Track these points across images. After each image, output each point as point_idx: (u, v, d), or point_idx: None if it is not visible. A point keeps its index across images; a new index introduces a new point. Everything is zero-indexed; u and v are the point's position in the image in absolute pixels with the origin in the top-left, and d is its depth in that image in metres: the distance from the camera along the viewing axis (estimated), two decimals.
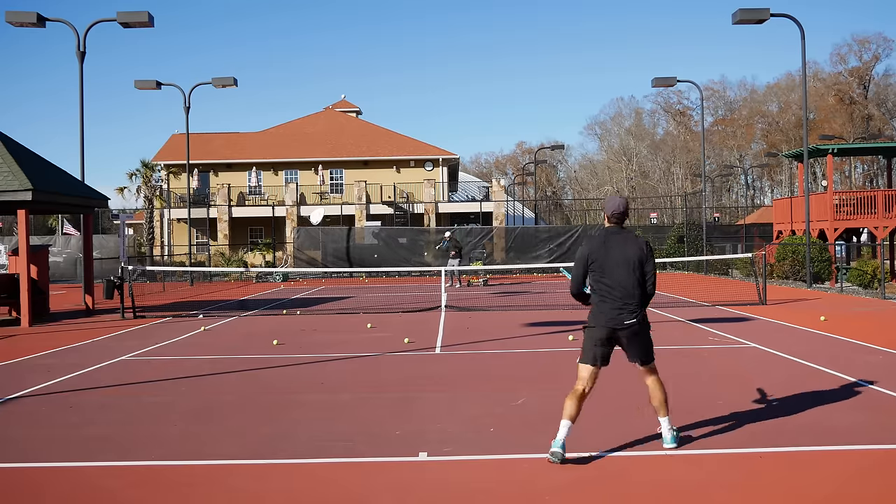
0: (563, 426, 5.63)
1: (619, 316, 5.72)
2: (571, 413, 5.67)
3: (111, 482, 5.53)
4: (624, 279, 5.71)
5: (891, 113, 79.83)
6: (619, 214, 5.86)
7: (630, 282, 5.71)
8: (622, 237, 5.82)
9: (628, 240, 5.81)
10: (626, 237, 5.82)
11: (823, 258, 24.96)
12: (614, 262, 5.73)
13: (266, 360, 10.83)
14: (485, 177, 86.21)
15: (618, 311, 5.72)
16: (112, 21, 21.86)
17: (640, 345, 5.85)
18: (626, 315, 5.72)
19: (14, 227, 44.34)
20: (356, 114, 56.88)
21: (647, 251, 5.80)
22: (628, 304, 5.72)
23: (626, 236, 5.83)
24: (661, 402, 5.92)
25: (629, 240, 5.81)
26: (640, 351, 5.86)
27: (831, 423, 6.71)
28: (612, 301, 5.73)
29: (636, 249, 5.77)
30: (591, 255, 5.80)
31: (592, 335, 5.81)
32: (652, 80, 31.61)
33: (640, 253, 5.77)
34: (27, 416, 7.67)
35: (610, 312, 5.73)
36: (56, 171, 18.28)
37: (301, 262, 35.67)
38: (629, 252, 5.74)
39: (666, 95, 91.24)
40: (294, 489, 5.29)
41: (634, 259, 5.73)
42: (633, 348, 5.85)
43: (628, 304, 5.72)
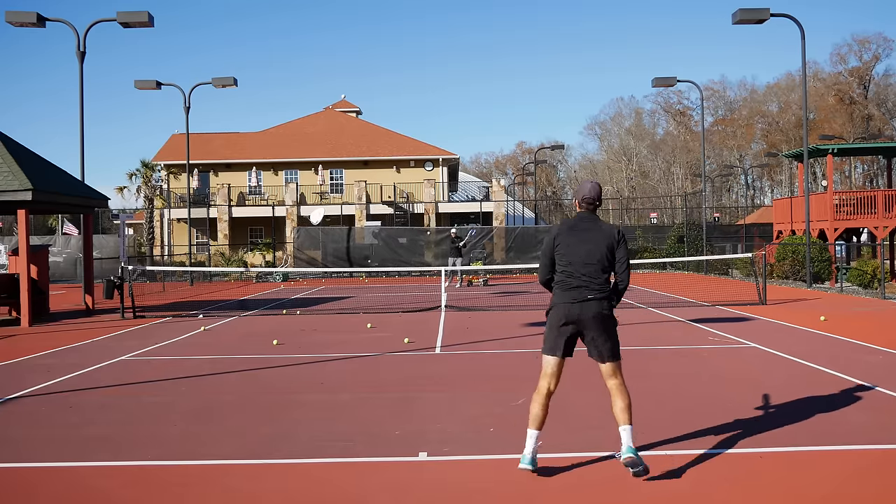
0: (531, 437, 5.31)
1: (580, 299, 5.28)
2: (539, 420, 5.33)
3: (105, 482, 5.52)
4: (589, 264, 5.29)
5: (891, 113, 79.84)
6: (590, 200, 5.48)
7: (595, 268, 5.29)
8: (592, 223, 5.42)
9: (598, 226, 5.40)
10: (595, 223, 5.42)
11: (823, 258, 24.96)
12: (580, 247, 5.32)
13: (266, 360, 10.83)
14: (485, 177, 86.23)
15: (579, 293, 5.29)
16: (112, 21, 21.86)
17: (603, 337, 5.33)
18: (589, 297, 5.28)
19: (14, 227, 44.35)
20: (356, 114, 56.89)
21: (618, 237, 5.38)
22: (592, 289, 5.28)
23: (596, 222, 5.43)
24: (623, 409, 5.31)
25: (599, 226, 5.40)
26: (602, 344, 5.33)
27: (831, 423, 6.71)
28: (575, 284, 5.31)
29: (605, 236, 5.36)
30: (557, 240, 5.42)
31: (553, 321, 5.39)
32: (652, 80, 31.62)
33: (610, 240, 5.34)
34: (27, 416, 7.67)
35: (571, 293, 5.30)
36: (56, 171, 18.28)
37: (301, 262, 35.67)
38: (597, 238, 5.34)
39: (666, 95, 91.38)
40: (293, 489, 5.29)
41: (603, 245, 5.32)
42: (595, 340, 5.33)
43: (592, 288, 5.28)
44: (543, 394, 5.38)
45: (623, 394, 5.36)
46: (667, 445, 6.08)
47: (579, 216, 5.51)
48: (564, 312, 5.33)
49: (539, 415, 5.34)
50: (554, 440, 6.33)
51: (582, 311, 5.29)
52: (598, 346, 5.35)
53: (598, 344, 5.35)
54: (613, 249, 5.35)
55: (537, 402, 5.36)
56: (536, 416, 5.34)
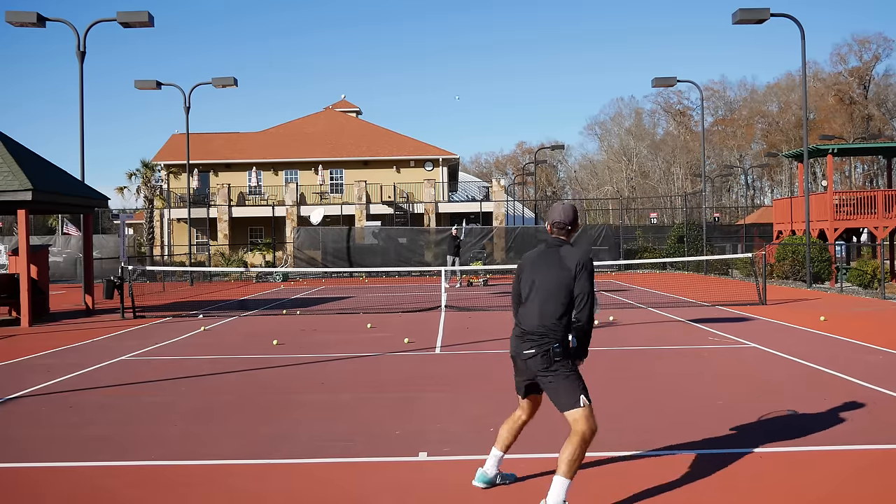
0: (493, 456, 5.18)
1: (520, 346, 4.79)
2: (504, 442, 5.15)
3: (110, 482, 5.53)
4: (538, 304, 4.73)
5: (891, 113, 79.84)
6: (561, 224, 4.88)
7: (545, 309, 4.70)
8: (558, 254, 4.81)
9: (564, 257, 4.77)
10: (562, 254, 4.79)
11: (823, 258, 24.96)
12: (536, 283, 4.80)
13: (266, 360, 10.83)
14: (485, 177, 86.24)
15: (519, 340, 4.82)
16: (112, 21, 21.86)
17: (551, 386, 4.69)
18: (527, 345, 4.73)
19: (14, 227, 44.35)
20: (356, 114, 56.89)
21: (576, 271, 4.69)
22: (532, 334, 4.72)
23: (564, 253, 4.80)
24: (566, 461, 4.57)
25: (566, 257, 4.76)
26: (551, 393, 4.70)
27: (831, 423, 6.71)
28: (518, 327, 4.85)
29: (565, 271, 4.71)
30: (520, 271, 4.99)
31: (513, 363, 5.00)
32: (652, 80, 31.62)
33: (567, 275, 4.69)
34: (27, 416, 7.67)
35: (514, 340, 4.87)
36: (56, 171, 18.28)
37: (301, 262, 35.67)
38: (557, 273, 4.73)
39: (666, 95, 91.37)
40: (293, 489, 5.29)
41: (561, 282, 4.70)
42: (546, 388, 4.76)
43: (532, 333, 4.71)
44: (514, 419, 5.16)
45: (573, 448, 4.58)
46: (667, 445, 6.08)
47: (548, 243, 4.93)
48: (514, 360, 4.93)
49: (505, 437, 5.16)
50: (554, 440, 6.34)
51: (522, 358, 4.81)
52: (550, 394, 4.75)
53: (548, 391, 4.76)
54: (570, 286, 4.70)
55: (507, 426, 5.17)
56: (502, 437, 5.17)
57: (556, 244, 4.88)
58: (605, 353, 11.00)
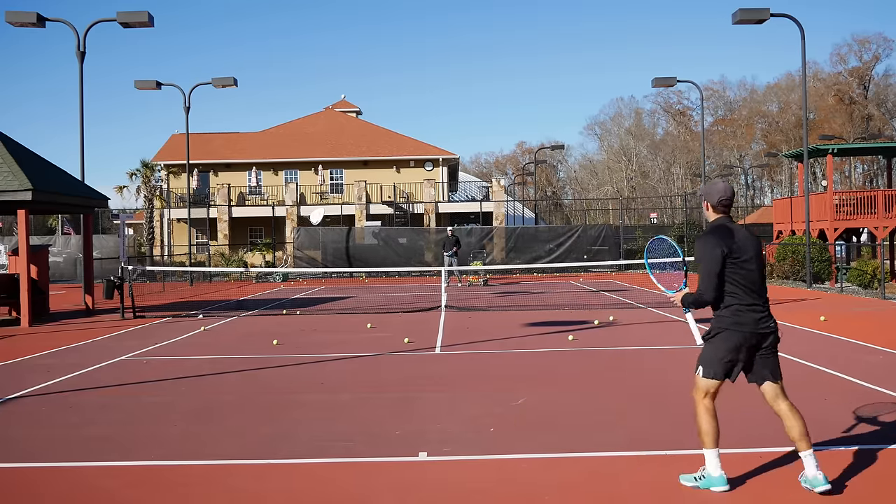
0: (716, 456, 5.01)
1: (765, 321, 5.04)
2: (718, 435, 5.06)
3: (110, 482, 5.53)
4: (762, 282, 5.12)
5: (891, 113, 79.84)
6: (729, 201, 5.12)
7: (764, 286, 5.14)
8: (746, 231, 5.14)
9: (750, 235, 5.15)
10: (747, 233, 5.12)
11: (823, 258, 24.96)
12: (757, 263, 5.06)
13: (266, 360, 10.83)
14: (485, 177, 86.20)
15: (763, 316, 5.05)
16: (112, 21, 21.85)
17: (772, 360, 5.06)
18: (770, 321, 5.06)
19: (14, 227, 44.33)
20: (356, 114, 56.89)
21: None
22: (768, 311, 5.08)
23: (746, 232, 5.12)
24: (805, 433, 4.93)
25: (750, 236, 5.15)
26: (773, 366, 5.07)
27: (831, 422, 6.71)
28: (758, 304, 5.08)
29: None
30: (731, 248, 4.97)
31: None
32: (652, 80, 31.59)
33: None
34: (27, 416, 7.67)
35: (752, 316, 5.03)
36: (56, 171, 18.28)
37: (301, 262, 35.67)
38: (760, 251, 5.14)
39: (666, 95, 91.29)
40: (294, 489, 5.29)
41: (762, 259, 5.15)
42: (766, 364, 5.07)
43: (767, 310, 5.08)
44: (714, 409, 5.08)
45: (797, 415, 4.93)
46: (666, 445, 6.08)
47: (726, 222, 5.05)
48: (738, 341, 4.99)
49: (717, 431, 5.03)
50: (554, 440, 6.34)
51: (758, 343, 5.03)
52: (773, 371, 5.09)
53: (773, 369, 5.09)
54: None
55: (715, 419, 5.02)
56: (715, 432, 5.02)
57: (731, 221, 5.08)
58: (605, 353, 11.00)
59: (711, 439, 4.98)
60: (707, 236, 5.01)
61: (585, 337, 12.63)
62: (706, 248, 4.92)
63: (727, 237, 4.93)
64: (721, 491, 4.97)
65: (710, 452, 4.99)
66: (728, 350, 4.93)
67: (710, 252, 4.90)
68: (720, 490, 4.97)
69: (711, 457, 4.99)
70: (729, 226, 5.02)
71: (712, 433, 4.97)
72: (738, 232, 4.99)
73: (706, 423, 4.98)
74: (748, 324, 4.90)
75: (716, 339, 5.00)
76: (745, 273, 4.92)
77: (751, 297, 4.93)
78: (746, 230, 5.11)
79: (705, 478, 5.02)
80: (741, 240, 4.95)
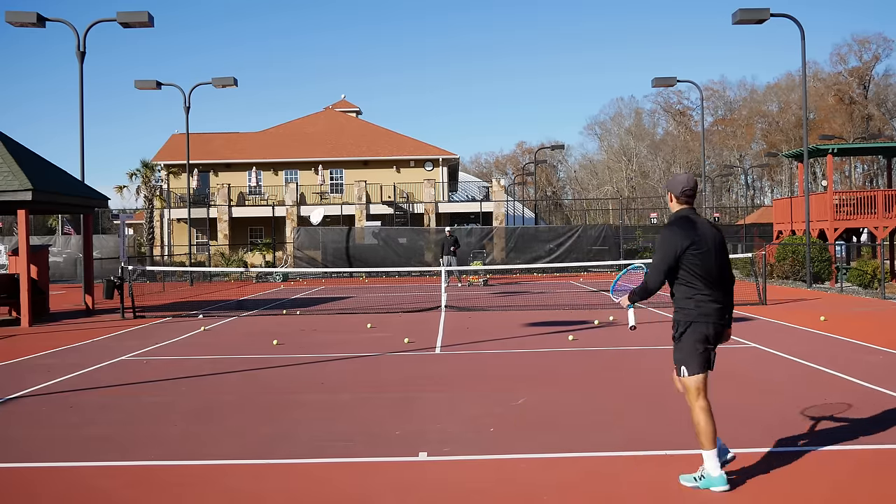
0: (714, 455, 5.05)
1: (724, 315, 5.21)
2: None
3: (110, 482, 5.53)
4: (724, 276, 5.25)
5: (891, 113, 79.84)
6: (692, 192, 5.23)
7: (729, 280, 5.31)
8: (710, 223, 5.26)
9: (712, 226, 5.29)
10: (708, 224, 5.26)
11: (823, 258, 24.95)
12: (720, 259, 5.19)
13: (266, 360, 10.83)
14: (485, 177, 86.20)
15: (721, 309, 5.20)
16: (112, 21, 21.85)
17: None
18: (727, 313, 5.21)
19: (14, 227, 44.34)
20: (356, 114, 56.88)
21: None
22: (728, 305, 5.21)
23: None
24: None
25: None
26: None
27: (831, 422, 6.71)
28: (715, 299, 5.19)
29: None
30: (691, 242, 5.06)
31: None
32: (652, 80, 31.61)
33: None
34: (27, 416, 7.67)
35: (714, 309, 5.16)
36: (56, 171, 18.28)
37: (301, 262, 35.67)
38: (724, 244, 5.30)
39: (666, 95, 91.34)
40: (293, 489, 5.29)
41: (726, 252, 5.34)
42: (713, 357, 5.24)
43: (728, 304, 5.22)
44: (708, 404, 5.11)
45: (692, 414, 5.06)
46: (666, 445, 6.08)
47: (691, 213, 5.14)
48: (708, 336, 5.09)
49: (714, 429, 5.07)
50: (554, 440, 6.34)
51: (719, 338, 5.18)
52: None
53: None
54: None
55: (711, 417, 5.04)
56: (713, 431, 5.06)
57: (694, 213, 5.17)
58: (605, 353, 11.00)
59: (710, 440, 4.99)
60: (672, 227, 5.09)
61: (585, 337, 12.63)
62: (667, 238, 5.03)
63: (690, 229, 5.03)
64: (721, 491, 4.96)
65: (708, 453, 5.00)
66: (700, 341, 5.03)
67: (670, 242, 5.00)
68: (721, 490, 4.96)
69: (710, 457, 4.99)
70: (692, 217, 5.12)
71: (711, 433, 4.99)
72: (700, 224, 5.10)
73: (705, 424, 5.00)
74: (712, 314, 5.02)
75: (686, 334, 5.07)
76: (706, 265, 5.02)
77: (711, 288, 5.03)
78: (709, 223, 5.20)
79: (705, 478, 5.02)
80: (703, 232, 5.05)
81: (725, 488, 4.97)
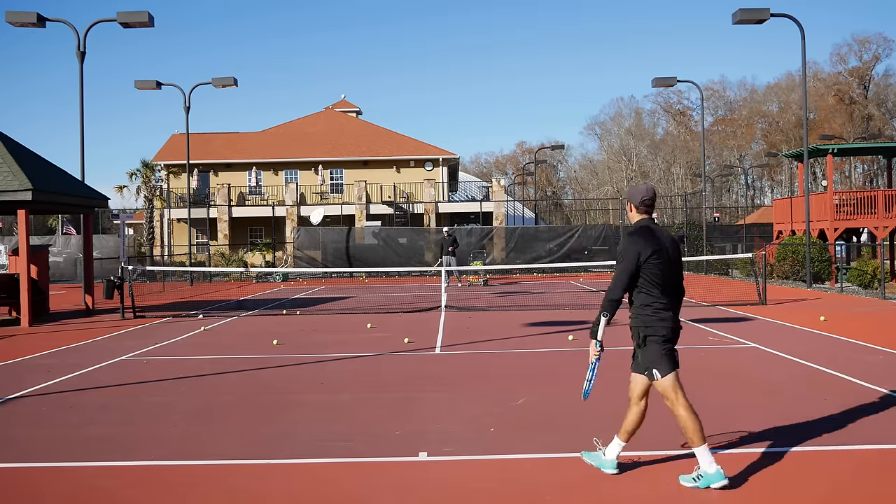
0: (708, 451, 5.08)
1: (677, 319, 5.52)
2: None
3: (110, 482, 5.53)
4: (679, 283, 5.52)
5: (891, 113, 79.83)
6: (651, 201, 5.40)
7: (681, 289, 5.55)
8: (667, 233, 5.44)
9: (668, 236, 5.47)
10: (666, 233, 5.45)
11: (823, 258, 24.95)
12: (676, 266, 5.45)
13: (266, 360, 10.83)
14: (485, 177, 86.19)
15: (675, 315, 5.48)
16: (112, 21, 21.86)
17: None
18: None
19: (14, 227, 44.33)
20: (356, 114, 56.88)
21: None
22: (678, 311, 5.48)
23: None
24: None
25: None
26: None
27: (831, 422, 6.70)
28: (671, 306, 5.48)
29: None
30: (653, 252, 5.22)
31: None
32: (652, 80, 31.61)
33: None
34: (27, 416, 7.67)
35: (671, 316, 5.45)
36: (56, 171, 18.28)
37: (301, 262, 35.67)
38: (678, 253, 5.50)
39: (666, 95, 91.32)
40: (294, 489, 5.29)
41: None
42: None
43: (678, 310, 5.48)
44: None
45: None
46: (666, 446, 6.08)
47: (651, 223, 5.29)
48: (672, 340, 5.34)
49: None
50: (555, 440, 6.34)
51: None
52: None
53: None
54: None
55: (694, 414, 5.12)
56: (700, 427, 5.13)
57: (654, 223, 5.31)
58: (605, 353, 10.98)
59: (699, 436, 5.03)
60: (635, 236, 5.20)
61: (585, 337, 12.62)
62: (630, 247, 5.13)
63: (652, 239, 5.16)
64: (721, 486, 4.96)
65: (701, 449, 5.02)
66: (664, 342, 5.20)
67: (633, 252, 5.12)
68: (720, 485, 4.96)
69: (704, 453, 5.01)
70: (652, 227, 5.26)
71: (698, 428, 5.03)
72: (660, 234, 5.25)
73: (690, 421, 5.05)
74: (668, 320, 5.22)
75: (649, 340, 5.20)
76: (665, 274, 5.18)
77: (667, 297, 5.21)
78: (667, 233, 5.35)
79: (703, 476, 5.02)
80: (663, 242, 5.21)
81: (724, 483, 4.95)
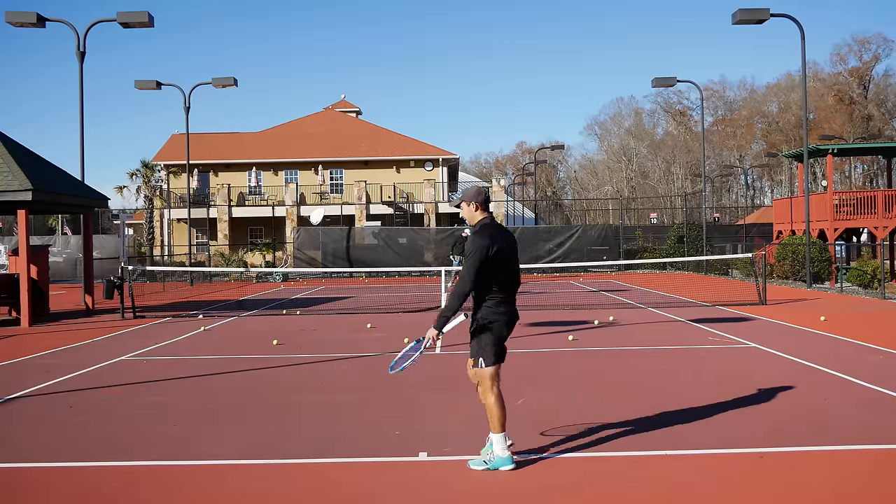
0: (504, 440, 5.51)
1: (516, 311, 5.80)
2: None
3: (110, 482, 5.53)
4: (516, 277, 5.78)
5: (891, 113, 79.83)
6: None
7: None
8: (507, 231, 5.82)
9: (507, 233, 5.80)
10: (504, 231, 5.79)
11: (823, 258, 24.95)
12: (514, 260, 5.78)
13: (266, 360, 10.83)
14: (485, 177, 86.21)
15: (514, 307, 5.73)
16: (112, 21, 21.86)
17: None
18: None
19: (14, 227, 44.33)
20: (356, 114, 56.88)
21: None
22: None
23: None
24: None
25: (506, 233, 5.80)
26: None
27: (831, 423, 6.71)
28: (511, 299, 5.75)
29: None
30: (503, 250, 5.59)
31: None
32: (652, 80, 31.61)
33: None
34: (27, 416, 7.67)
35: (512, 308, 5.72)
36: (56, 171, 18.28)
37: (301, 262, 35.67)
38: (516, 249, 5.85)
39: (666, 95, 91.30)
40: (294, 489, 5.29)
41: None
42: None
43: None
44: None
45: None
46: (667, 445, 6.08)
47: (493, 221, 5.62)
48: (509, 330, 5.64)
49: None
50: (555, 440, 6.34)
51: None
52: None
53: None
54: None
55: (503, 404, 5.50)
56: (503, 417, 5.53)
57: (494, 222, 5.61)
58: (605, 353, 11.00)
59: (501, 423, 5.42)
60: (482, 233, 5.48)
61: (585, 337, 12.63)
62: (479, 243, 5.39)
63: (498, 235, 5.49)
64: (509, 469, 5.40)
65: (498, 436, 5.44)
66: (500, 337, 5.52)
67: (482, 248, 5.38)
68: (508, 468, 5.41)
69: (500, 440, 5.43)
70: (495, 224, 5.60)
71: (503, 418, 5.42)
72: (504, 232, 5.59)
73: (498, 409, 5.42)
74: (510, 314, 5.54)
75: (485, 330, 5.49)
76: (508, 270, 5.51)
77: (509, 292, 5.54)
78: (508, 231, 5.72)
79: (495, 458, 5.41)
80: (508, 240, 5.56)
81: (512, 467, 5.42)
